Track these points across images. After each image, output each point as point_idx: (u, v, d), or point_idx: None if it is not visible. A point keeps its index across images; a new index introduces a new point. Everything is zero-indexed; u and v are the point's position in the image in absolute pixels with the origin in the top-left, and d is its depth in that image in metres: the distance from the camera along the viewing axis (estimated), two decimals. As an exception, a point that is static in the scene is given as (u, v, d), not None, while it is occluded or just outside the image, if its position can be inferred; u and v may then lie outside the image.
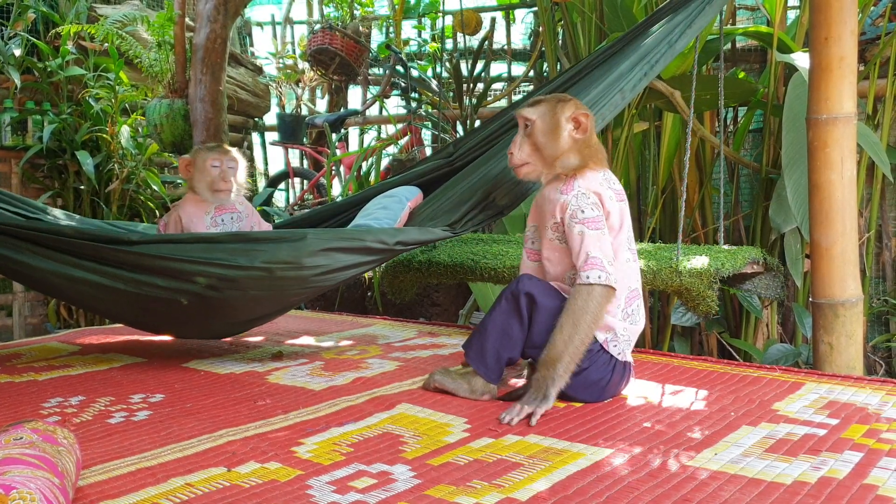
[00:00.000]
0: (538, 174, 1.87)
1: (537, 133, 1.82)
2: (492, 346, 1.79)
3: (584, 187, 1.78)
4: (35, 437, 1.24)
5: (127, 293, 2.08)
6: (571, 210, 1.75)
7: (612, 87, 2.30)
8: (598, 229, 1.74)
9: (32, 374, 2.19)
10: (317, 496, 1.28)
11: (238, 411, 1.79)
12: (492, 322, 1.80)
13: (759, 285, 2.65)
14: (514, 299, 1.77)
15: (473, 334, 1.84)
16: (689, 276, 2.35)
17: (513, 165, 1.88)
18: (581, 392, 1.77)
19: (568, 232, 1.76)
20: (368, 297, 4.14)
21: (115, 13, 4.23)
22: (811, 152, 2.38)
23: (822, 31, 2.32)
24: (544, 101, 1.85)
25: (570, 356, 1.69)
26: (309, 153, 5.55)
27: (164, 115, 3.79)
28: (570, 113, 1.81)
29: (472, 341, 1.83)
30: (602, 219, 1.76)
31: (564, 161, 1.81)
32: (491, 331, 1.79)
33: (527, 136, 1.85)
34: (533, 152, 1.84)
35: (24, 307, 3.89)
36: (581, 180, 1.79)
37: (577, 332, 1.68)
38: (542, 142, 1.82)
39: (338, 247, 2.06)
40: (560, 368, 1.69)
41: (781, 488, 1.29)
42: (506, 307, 1.78)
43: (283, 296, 2.16)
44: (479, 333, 1.82)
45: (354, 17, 5.72)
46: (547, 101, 1.85)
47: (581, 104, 1.87)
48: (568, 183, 1.79)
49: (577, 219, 1.74)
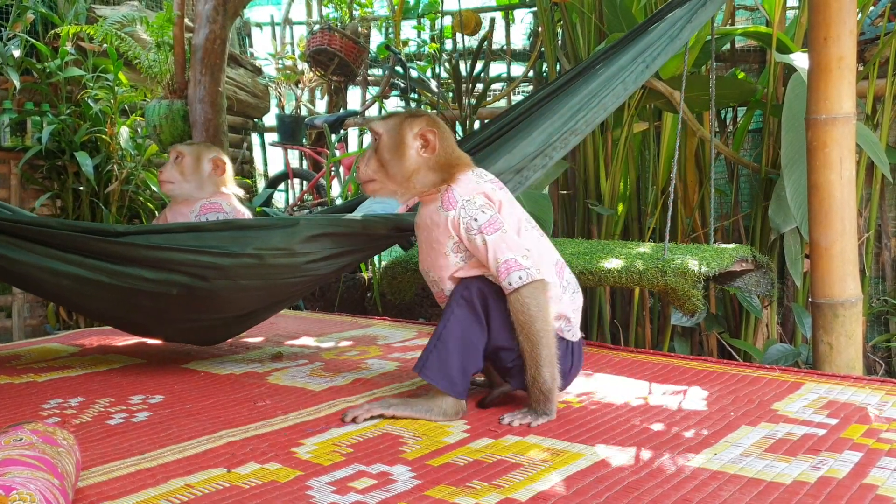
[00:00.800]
0: (389, 192, 1.77)
1: (383, 149, 1.73)
2: (455, 360, 1.67)
3: (465, 194, 1.69)
4: (35, 438, 1.24)
5: (113, 287, 2.03)
6: (465, 223, 1.66)
7: (614, 78, 2.31)
8: (497, 230, 1.65)
9: (32, 375, 2.19)
10: (317, 497, 1.28)
11: (238, 412, 1.79)
12: (449, 333, 1.67)
13: (750, 282, 2.66)
14: (469, 303, 1.68)
15: (429, 351, 1.69)
16: (674, 275, 2.36)
17: (358, 180, 1.79)
18: None
19: (471, 246, 1.67)
20: (368, 298, 4.14)
21: (114, 14, 4.23)
22: (810, 152, 2.38)
23: (821, 31, 2.32)
24: (394, 115, 1.77)
25: (549, 365, 1.64)
26: (308, 154, 5.55)
27: (164, 116, 3.79)
28: (417, 129, 1.71)
29: (430, 358, 1.68)
30: (497, 218, 1.67)
31: (421, 180, 1.72)
32: (450, 343, 1.67)
33: (374, 152, 1.75)
34: (379, 168, 1.74)
35: (23, 308, 3.88)
36: (458, 188, 1.71)
37: (541, 343, 1.63)
38: (388, 159, 1.72)
39: (331, 233, 2.04)
40: (548, 381, 1.64)
41: (781, 488, 1.29)
42: (461, 314, 1.67)
43: (275, 286, 2.10)
44: (437, 348, 1.67)
45: (353, 18, 5.72)
46: (396, 116, 1.76)
47: (433, 119, 1.75)
48: (447, 196, 1.70)
49: (473, 230, 1.66)
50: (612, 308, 3.59)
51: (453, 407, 1.70)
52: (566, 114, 2.30)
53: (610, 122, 3.55)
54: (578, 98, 2.33)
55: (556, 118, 2.27)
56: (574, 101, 2.33)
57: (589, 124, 2.33)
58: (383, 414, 1.69)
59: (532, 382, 1.66)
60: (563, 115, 2.29)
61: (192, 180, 2.47)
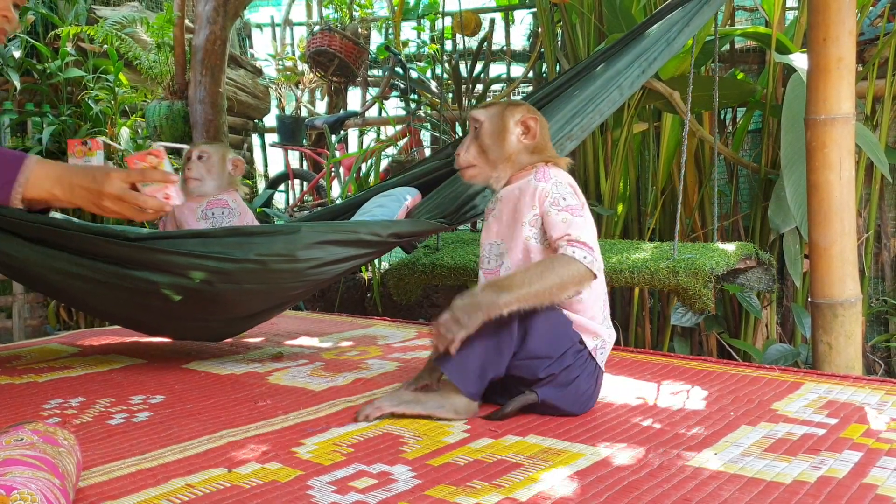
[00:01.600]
0: (485, 178, 1.79)
1: (484, 135, 1.77)
2: (476, 361, 1.63)
3: (559, 176, 1.72)
4: (35, 438, 1.24)
5: (123, 289, 2.07)
6: (553, 198, 1.67)
7: (611, 82, 2.31)
8: (582, 217, 1.66)
9: (32, 375, 2.19)
10: (317, 496, 1.28)
11: (238, 412, 1.79)
12: (477, 333, 1.61)
13: (752, 279, 2.67)
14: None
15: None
16: (686, 275, 2.37)
17: (458, 167, 1.81)
18: (571, 405, 1.69)
19: (548, 221, 1.66)
20: (368, 299, 4.14)
21: (114, 15, 4.24)
22: (810, 153, 2.39)
23: (821, 31, 2.33)
24: (495, 103, 1.81)
25: (521, 295, 1.57)
26: (308, 155, 5.55)
27: (164, 117, 3.80)
28: (519, 116, 1.75)
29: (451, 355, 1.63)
30: (585, 208, 1.68)
31: (516, 161, 1.76)
32: (476, 342, 1.62)
33: (475, 139, 1.78)
34: (479, 154, 1.77)
35: (23, 309, 3.89)
36: (553, 169, 1.73)
37: (541, 281, 1.57)
38: (489, 144, 1.76)
39: (332, 239, 2.06)
40: (504, 297, 1.56)
41: (781, 488, 1.29)
42: (496, 319, 1.61)
43: (278, 290, 2.14)
44: (462, 346, 1.61)
45: (353, 19, 5.72)
46: (497, 104, 1.80)
47: (532, 109, 1.79)
48: (542, 171, 1.72)
49: (559, 206, 1.66)
50: (612, 308, 3.59)
51: (465, 406, 1.67)
52: (562, 119, 2.30)
53: (610, 123, 3.56)
54: (574, 103, 2.33)
55: (552, 123, 2.28)
56: (570, 106, 2.33)
57: (585, 129, 2.33)
58: (393, 412, 1.68)
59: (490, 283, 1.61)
60: (559, 121, 2.30)
61: (216, 179, 2.55)
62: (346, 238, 2.09)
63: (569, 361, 1.67)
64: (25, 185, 1.59)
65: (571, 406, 1.70)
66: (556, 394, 1.67)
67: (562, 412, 1.70)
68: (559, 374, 1.66)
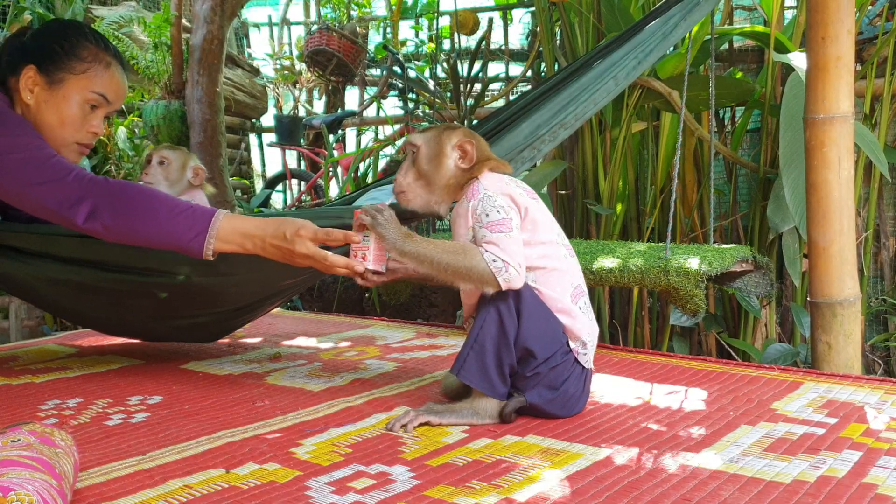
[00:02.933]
0: (423, 203, 1.77)
1: (421, 160, 1.74)
2: (493, 360, 1.64)
3: (490, 189, 1.68)
4: (33, 439, 1.24)
5: (111, 292, 2.06)
6: (477, 215, 1.66)
7: (606, 73, 2.31)
8: (502, 232, 1.62)
9: (30, 376, 2.18)
10: (316, 497, 1.28)
11: (237, 412, 1.78)
12: (486, 334, 1.63)
13: (749, 283, 2.66)
14: (504, 301, 1.63)
15: (466, 352, 1.65)
16: (677, 275, 2.36)
17: (395, 191, 1.79)
18: (559, 408, 1.69)
19: (475, 236, 1.65)
20: (366, 299, 4.14)
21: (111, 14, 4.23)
22: (808, 152, 2.39)
23: (819, 30, 2.32)
24: (432, 128, 1.79)
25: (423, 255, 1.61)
26: (306, 154, 5.55)
27: (161, 117, 3.79)
28: (455, 140, 1.73)
29: (468, 360, 1.64)
30: (509, 221, 1.64)
31: (455, 184, 1.74)
32: (487, 342, 1.63)
33: (412, 164, 1.76)
34: (416, 179, 1.75)
35: (20, 310, 3.88)
36: (484, 181, 1.71)
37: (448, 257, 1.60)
38: (426, 169, 1.73)
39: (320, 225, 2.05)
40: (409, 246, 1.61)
41: (781, 487, 1.29)
42: (497, 313, 1.63)
43: (266, 279, 2.12)
44: (474, 350, 1.64)
45: (351, 18, 5.72)
46: (434, 129, 1.77)
47: (469, 131, 1.77)
48: (472, 188, 1.71)
49: (481, 223, 1.64)
50: (611, 308, 3.59)
51: (496, 407, 1.68)
52: (555, 107, 2.29)
53: (608, 122, 3.56)
54: (568, 91, 2.32)
55: (545, 111, 2.27)
56: (564, 95, 2.32)
57: (579, 118, 2.32)
58: (430, 422, 1.66)
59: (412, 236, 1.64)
60: (551, 109, 2.28)
61: (173, 185, 2.46)
62: (332, 224, 2.08)
63: (556, 361, 1.66)
64: (216, 237, 1.68)
65: (560, 410, 1.70)
66: (546, 396, 1.67)
67: (551, 416, 1.69)
68: (547, 373, 1.66)
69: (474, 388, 1.66)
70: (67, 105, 1.85)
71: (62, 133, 1.86)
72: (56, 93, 1.84)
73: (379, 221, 1.65)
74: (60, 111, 1.85)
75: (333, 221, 2.07)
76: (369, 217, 1.65)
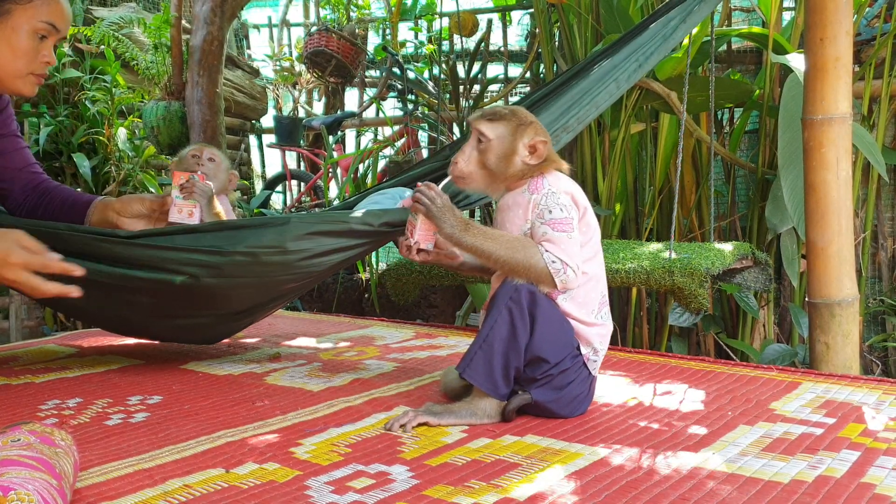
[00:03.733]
0: (477, 188, 1.77)
1: (490, 153, 1.70)
2: (499, 362, 1.63)
3: (554, 186, 1.67)
4: (32, 438, 1.24)
5: (114, 287, 2.07)
6: (539, 210, 1.64)
7: (607, 76, 2.31)
8: (564, 231, 1.62)
9: (29, 376, 2.18)
10: (315, 497, 1.28)
11: (236, 412, 1.79)
12: (496, 335, 1.62)
13: (748, 278, 2.68)
14: (517, 304, 1.62)
15: (474, 352, 1.64)
16: (681, 275, 2.37)
17: (453, 173, 1.75)
18: (563, 408, 1.69)
19: (533, 233, 1.63)
20: (366, 299, 4.14)
21: (111, 15, 4.24)
22: (807, 153, 2.39)
23: (818, 31, 2.33)
24: (505, 119, 1.72)
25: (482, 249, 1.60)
26: (306, 155, 5.56)
27: (161, 118, 3.79)
28: (528, 140, 1.69)
29: (475, 359, 1.63)
30: (572, 221, 1.63)
31: (518, 176, 1.71)
32: (496, 344, 1.62)
33: (478, 151, 1.72)
34: (480, 169, 1.72)
35: (20, 310, 3.88)
36: (549, 178, 1.69)
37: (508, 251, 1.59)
38: (493, 162, 1.70)
39: (322, 230, 2.05)
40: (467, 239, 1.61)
41: (779, 487, 1.29)
42: (508, 316, 1.62)
43: (270, 283, 2.13)
44: (483, 349, 1.64)
45: (351, 20, 5.72)
46: (507, 123, 1.71)
47: (541, 128, 1.74)
48: (536, 182, 1.69)
49: (543, 219, 1.63)
50: (610, 308, 3.60)
51: (496, 409, 1.67)
52: (557, 111, 2.30)
53: (607, 123, 3.56)
54: (570, 95, 2.33)
55: (547, 115, 2.28)
56: (566, 98, 2.33)
57: (581, 122, 2.33)
58: (428, 422, 1.66)
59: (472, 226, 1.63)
60: (553, 112, 2.29)
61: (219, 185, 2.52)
62: (336, 228, 2.08)
63: (566, 365, 1.67)
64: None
65: (564, 409, 1.70)
66: (551, 396, 1.67)
67: (554, 415, 1.70)
68: (556, 376, 1.66)
69: (477, 387, 1.66)
70: (17, 37, 1.87)
71: (16, 65, 1.88)
72: (5, 25, 1.85)
73: (434, 211, 1.63)
74: (11, 43, 1.87)
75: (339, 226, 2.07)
76: (424, 205, 1.63)
